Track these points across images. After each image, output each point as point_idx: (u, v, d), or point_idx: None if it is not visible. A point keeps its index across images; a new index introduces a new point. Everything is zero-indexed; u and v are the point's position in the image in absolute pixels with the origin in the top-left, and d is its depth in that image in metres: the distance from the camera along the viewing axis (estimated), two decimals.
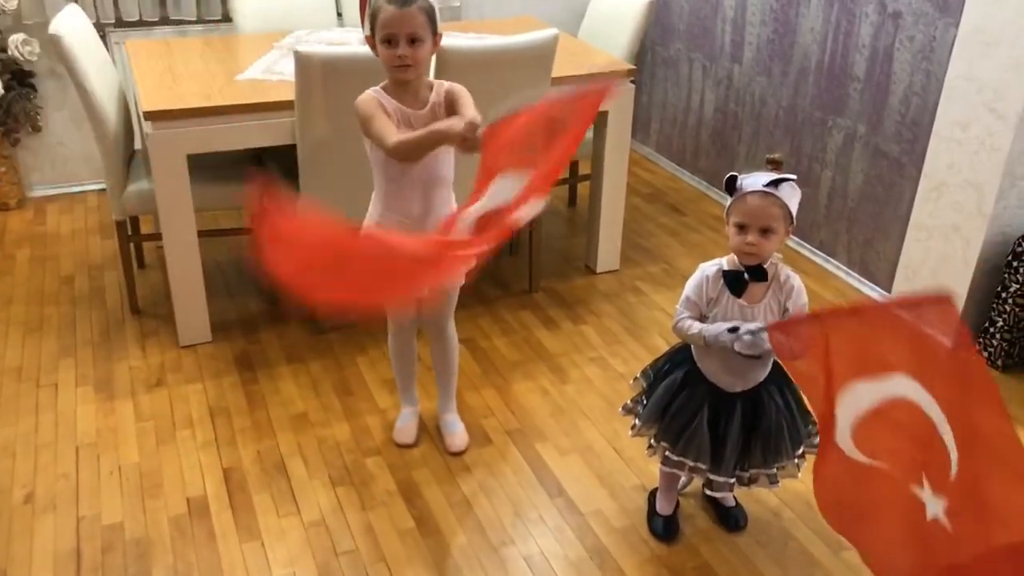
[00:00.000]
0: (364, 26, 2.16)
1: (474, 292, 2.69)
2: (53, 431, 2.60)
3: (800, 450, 2.10)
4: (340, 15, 3.97)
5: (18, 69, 3.83)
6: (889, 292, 3.37)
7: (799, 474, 2.12)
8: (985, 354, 3.01)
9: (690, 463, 2.08)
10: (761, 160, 1.91)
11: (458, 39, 2.82)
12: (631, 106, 3.36)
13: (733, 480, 2.07)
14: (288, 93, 2.76)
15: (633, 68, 3.31)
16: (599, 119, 3.28)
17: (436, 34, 2.11)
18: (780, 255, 1.97)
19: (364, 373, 2.88)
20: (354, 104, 2.11)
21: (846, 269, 3.60)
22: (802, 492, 2.37)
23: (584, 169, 3.62)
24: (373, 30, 2.08)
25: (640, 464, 2.48)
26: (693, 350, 2.07)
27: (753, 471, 2.08)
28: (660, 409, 2.09)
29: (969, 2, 2.82)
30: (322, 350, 3.00)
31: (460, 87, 2.15)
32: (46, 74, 3.95)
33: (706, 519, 2.32)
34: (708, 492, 2.23)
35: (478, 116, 1.98)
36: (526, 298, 3.37)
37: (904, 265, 3.23)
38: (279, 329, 3.12)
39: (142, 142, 3.19)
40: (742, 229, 1.88)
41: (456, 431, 2.57)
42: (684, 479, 2.32)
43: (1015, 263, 2.86)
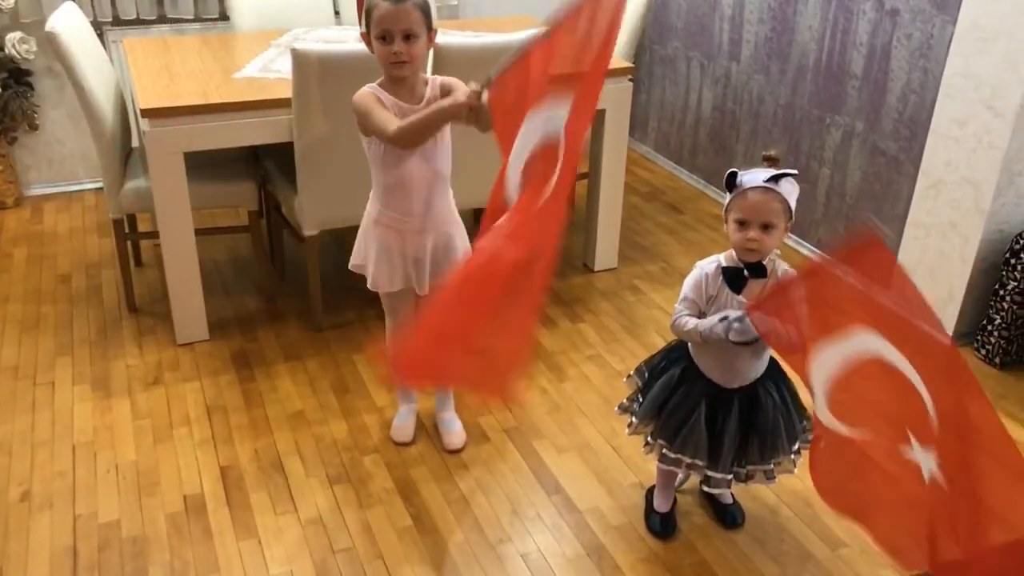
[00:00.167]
0: (360, 23, 2.16)
1: None
2: (50, 429, 2.60)
3: (796, 446, 2.09)
4: (338, 13, 3.97)
5: (15, 67, 3.83)
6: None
7: (795, 470, 2.12)
8: (982, 352, 3.01)
9: (687, 460, 2.07)
10: (759, 158, 1.91)
11: (455, 37, 2.82)
12: (629, 105, 3.36)
13: (730, 477, 2.07)
14: (285, 91, 2.75)
15: (631, 66, 3.31)
16: (596, 118, 3.27)
17: (431, 29, 2.11)
18: (779, 251, 1.96)
19: (362, 371, 2.88)
20: (352, 101, 2.11)
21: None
22: (799, 490, 2.37)
23: (582, 168, 3.62)
24: (368, 27, 2.08)
25: (637, 462, 2.48)
26: (690, 347, 2.07)
27: (750, 467, 2.08)
28: (657, 406, 2.09)
29: None
30: (319, 348, 3.00)
31: (455, 79, 2.14)
32: (43, 72, 3.95)
33: (703, 516, 2.32)
34: (705, 489, 2.23)
35: (476, 85, 1.94)
36: None
37: (902, 263, 3.23)
38: (276, 327, 3.12)
39: (139, 140, 3.19)
40: (743, 225, 1.88)
41: (454, 429, 2.57)
42: (681, 476, 2.31)
43: (1013, 261, 2.86)
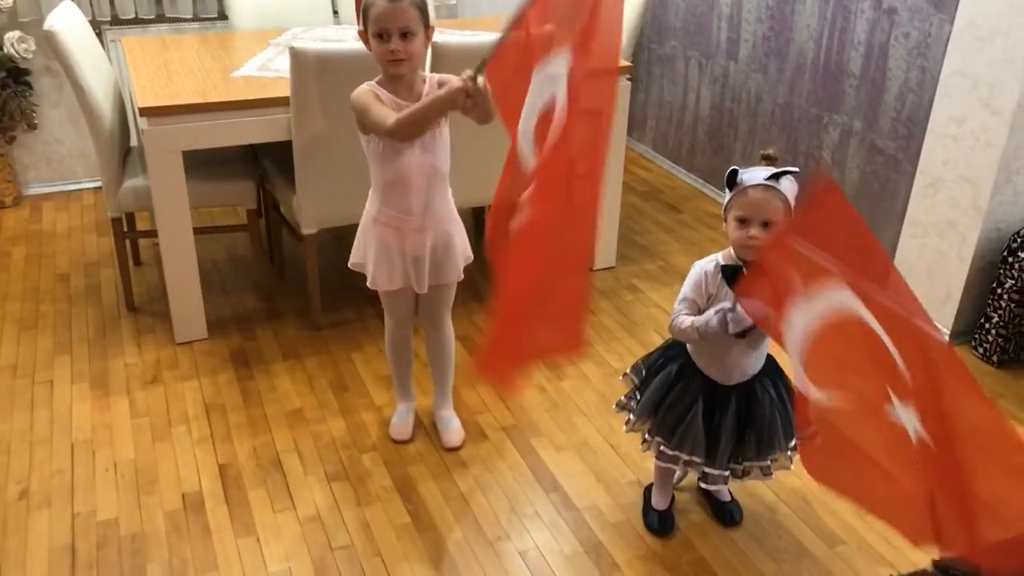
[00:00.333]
0: (358, 22, 2.16)
1: (470, 288, 2.68)
2: (48, 427, 2.60)
3: (792, 442, 2.10)
4: (336, 13, 3.98)
5: (13, 67, 3.84)
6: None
7: (792, 465, 2.13)
8: (980, 350, 3.01)
9: (684, 456, 2.08)
10: (757, 158, 1.91)
11: (453, 35, 2.83)
12: (627, 104, 3.36)
13: (727, 473, 2.08)
14: (284, 89, 2.76)
15: (629, 65, 3.31)
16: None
17: (428, 27, 2.11)
18: None
19: (360, 369, 2.88)
20: (350, 99, 2.11)
21: None
22: (797, 487, 2.38)
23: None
24: (366, 25, 2.08)
25: (635, 459, 2.48)
26: (687, 344, 2.07)
27: (747, 463, 2.09)
28: (654, 404, 2.09)
29: None
30: (318, 346, 3.00)
31: (451, 76, 2.14)
32: (42, 72, 3.95)
33: (701, 514, 2.32)
34: (703, 485, 2.24)
35: (470, 71, 1.89)
36: None
37: (900, 261, 3.23)
38: (275, 326, 3.12)
39: (138, 139, 3.19)
40: (743, 223, 1.87)
41: (452, 427, 2.57)
42: (679, 473, 2.32)
43: (1010, 259, 2.86)
